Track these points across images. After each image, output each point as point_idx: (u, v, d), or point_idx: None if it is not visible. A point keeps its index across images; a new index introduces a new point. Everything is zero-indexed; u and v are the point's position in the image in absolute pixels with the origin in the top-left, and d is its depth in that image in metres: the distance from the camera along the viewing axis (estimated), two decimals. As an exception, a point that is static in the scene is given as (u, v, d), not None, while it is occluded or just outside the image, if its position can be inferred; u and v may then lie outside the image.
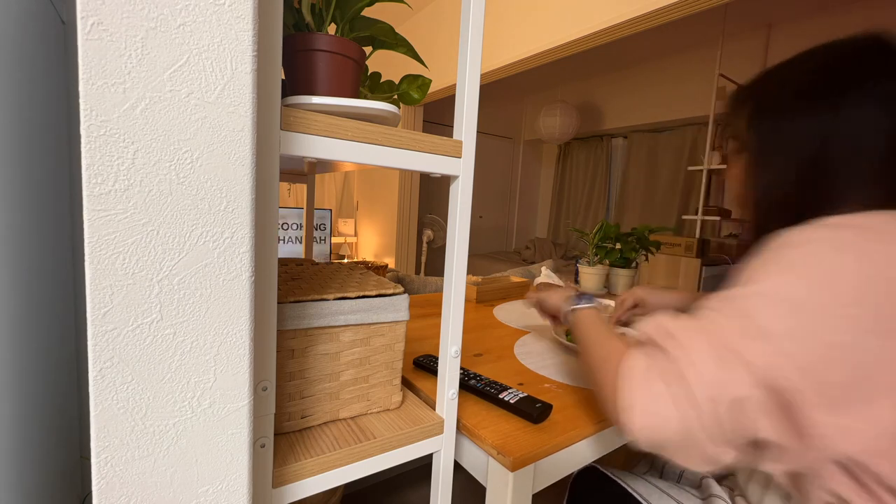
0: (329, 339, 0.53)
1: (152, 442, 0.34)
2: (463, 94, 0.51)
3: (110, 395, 0.31)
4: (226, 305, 0.35)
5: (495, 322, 1.11)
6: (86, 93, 0.28)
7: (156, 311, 0.32)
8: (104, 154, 0.29)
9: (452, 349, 0.56)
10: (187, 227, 0.33)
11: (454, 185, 0.54)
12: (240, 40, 0.33)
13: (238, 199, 0.34)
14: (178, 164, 0.32)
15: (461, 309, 0.56)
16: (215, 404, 0.36)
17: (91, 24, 0.28)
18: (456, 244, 0.54)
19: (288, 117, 0.39)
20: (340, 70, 0.49)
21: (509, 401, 0.63)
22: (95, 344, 0.31)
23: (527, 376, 0.76)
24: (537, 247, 4.55)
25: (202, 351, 0.35)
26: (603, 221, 1.56)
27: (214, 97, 0.32)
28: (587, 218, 4.58)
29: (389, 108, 0.47)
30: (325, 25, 0.52)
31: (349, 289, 0.55)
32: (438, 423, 0.57)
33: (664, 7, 1.62)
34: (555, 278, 1.48)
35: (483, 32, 0.50)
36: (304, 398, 0.53)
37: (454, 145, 0.52)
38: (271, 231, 0.40)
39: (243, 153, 0.34)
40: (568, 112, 3.91)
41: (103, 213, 0.30)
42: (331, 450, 0.50)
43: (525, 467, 0.54)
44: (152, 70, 0.30)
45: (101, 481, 0.32)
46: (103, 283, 0.30)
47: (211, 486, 0.37)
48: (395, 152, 0.47)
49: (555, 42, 2.08)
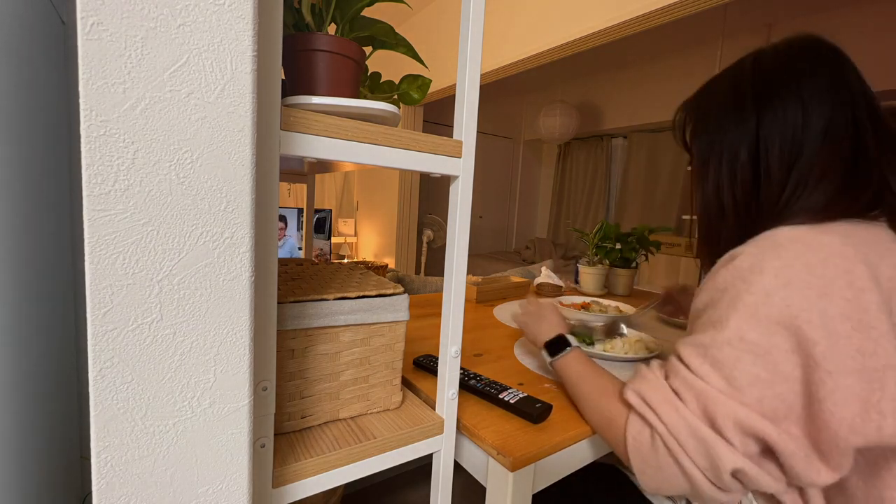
0: (329, 339, 0.53)
1: (152, 442, 0.34)
2: (463, 94, 0.51)
3: (110, 395, 0.31)
4: (226, 305, 0.35)
5: (495, 322, 1.11)
6: (86, 93, 0.28)
7: (156, 311, 0.32)
8: (104, 154, 0.29)
9: (452, 349, 0.56)
10: (187, 227, 0.33)
11: (454, 185, 0.54)
12: (240, 40, 0.33)
13: (238, 199, 0.34)
14: (178, 165, 0.32)
15: (461, 309, 0.56)
16: (215, 404, 0.36)
17: (91, 24, 0.28)
18: (456, 244, 0.54)
19: (288, 117, 0.39)
20: (340, 70, 0.49)
21: (509, 401, 0.63)
22: (95, 344, 0.31)
23: (527, 376, 0.76)
24: (537, 247, 4.55)
25: (202, 351, 0.35)
26: (603, 221, 1.56)
27: (214, 97, 0.32)
28: (587, 218, 4.58)
29: (389, 108, 0.47)
30: (325, 25, 0.52)
31: (349, 289, 0.55)
32: (438, 423, 0.57)
33: (664, 7, 1.62)
34: (555, 278, 1.48)
35: (483, 32, 0.50)
36: (304, 398, 0.53)
37: (454, 145, 0.52)
38: (271, 231, 0.40)
39: (243, 153, 0.34)
40: (568, 112, 3.91)
41: (103, 213, 0.30)
42: (331, 450, 0.50)
43: (525, 467, 0.54)
44: (152, 70, 0.30)
45: (101, 481, 0.32)
46: (103, 283, 0.30)
47: (211, 486, 0.37)
48: (395, 152, 0.47)
49: (555, 42, 2.08)
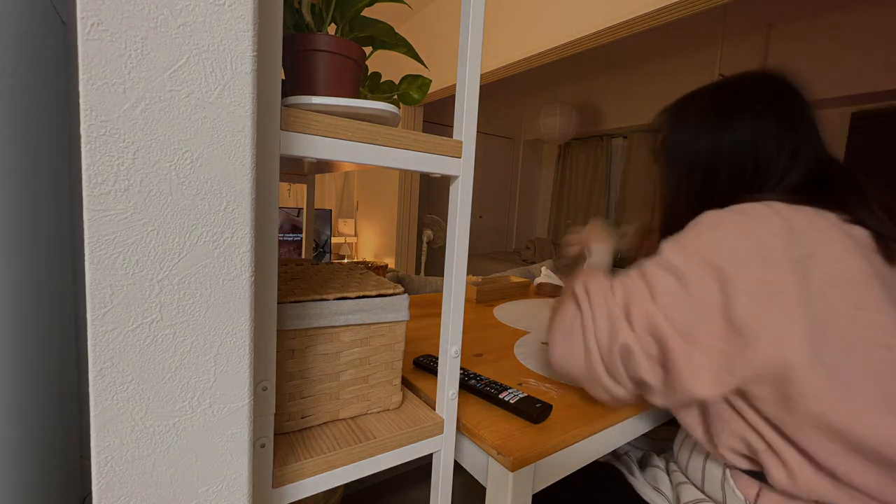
0: (329, 339, 0.53)
1: (152, 442, 0.34)
2: (463, 94, 0.51)
3: (110, 395, 0.31)
4: (226, 305, 0.35)
5: (495, 322, 1.11)
6: (86, 93, 0.28)
7: (156, 311, 0.32)
8: (104, 154, 0.29)
9: (452, 349, 0.56)
10: (187, 228, 0.33)
11: (454, 185, 0.54)
12: (240, 40, 0.33)
13: (238, 199, 0.34)
14: (178, 165, 0.32)
15: (461, 309, 0.56)
16: (215, 404, 0.36)
17: (91, 24, 0.28)
18: (456, 244, 0.54)
19: (288, 117, 0.39)
20: (340, 70, 0.49)
21: (509, 401, 0.63)
22: (95, 344, 0.31)
23: (527, 376, 0.76)
24: (537, 247, 4.54)
25: (202, 351, 0.35)
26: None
27: (214, 97, 0.32)
28: (587, 218, 4.56)
29: (389, 108, 0.47)
30: (325, 25, 0.52)
31: (349, 289, 0.55)
32: (438, 423, 0.57)
33: (664, 7, 1.62)
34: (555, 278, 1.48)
35: (483, 32, 0.50)
36: (304, 398, 0.53)
37: (454, 145, 0.52)
38: (271, 231, 0.40)
39: (243, 153, 0.34)
40: (568, 112, 3.90)
41: (103, 213, 0.30)
42: (331, 450, 0.50)
43: (525, 467, 0.54)
44: (152, 70, 0.30)
45: (101, 481, 0.32)
46: (103, 283, 0.30)
47: (211, 486, 0.37)
48: (395, 152, 0.47)
49: (555, 42, 2.08)
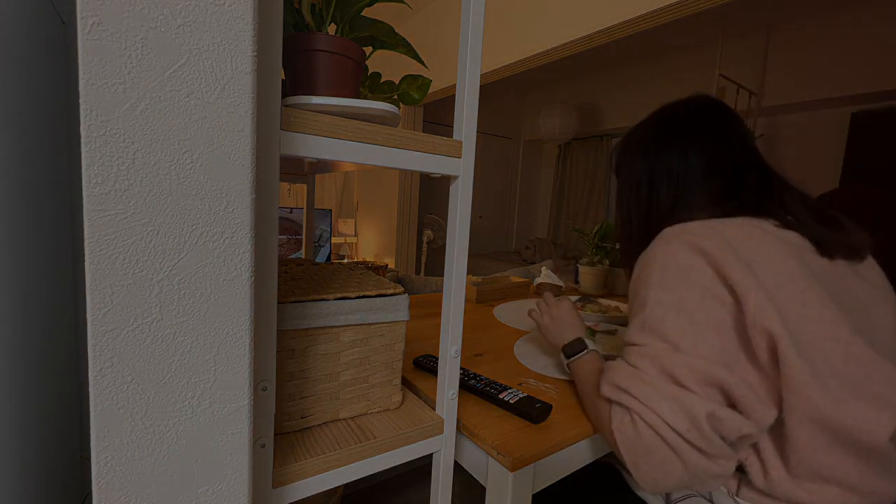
0: (329, 339, 0.53)
1: (152, 442, 0.34)
2: (463, 94, 0.51)
3: (110, 395, 0.31)
4: (226, 305, 0.35)
5: (495, 322, 1.11)
6: (86, 93, 0.28)
7: (156, 311, 0.32)
8: (104, 154, 0.29)
9: (452, 349, 0.56)
10: (187, 228, 0.33)
11: (454, 185, 0.54)
12: (240, 40, 0.33)
13: (238, 199, 0.34)
14: (178, 165, 0.32)
15: (461, 309, 0.56)
16: (215, 404, 0.36)
17: (91, 24, 0.28)
18: (456, 244, 0.54)
19: (288, 117, 0.39)
20: (340, 70, 0.49)
21: (509, 401, 0.63)
22: (95, 344, 0.31)
23: (527, 376, 0.76)
24: (537, 247, 4.54)
25: (202, 351, 0.35)
26: (603, 221, 1.56)
27: (214, 97, 0.32)
28: (587, 218, 4.57)
29: (389, 108, 0.47)
30: (325, 25, 0.52)
31: (349, 289, 0.55)
32: (438, 423, 0.57)
33: (664, 7, 1.62)
34: (555, 278, 1.48)
35: (483, 32, 0.50)
36: (304, 398, 0.53)
37: (454, 145, 0.52)
38: (271, 231, 0.40)
39: (243, 153, 0.34)
40: (568, 112, 3.90)
41: (103, 213, 0.30)
42: (331, 450, 0.50)
43: (525, 467, 0.54)
44: (152, 70, 0.30)
45: (101, 481, 0.32)
46: (103, 283, 0.30)
47: (211, 486, 0.37)
48: (395, 152, 0.47)
49: (555, 42, 2.08)
